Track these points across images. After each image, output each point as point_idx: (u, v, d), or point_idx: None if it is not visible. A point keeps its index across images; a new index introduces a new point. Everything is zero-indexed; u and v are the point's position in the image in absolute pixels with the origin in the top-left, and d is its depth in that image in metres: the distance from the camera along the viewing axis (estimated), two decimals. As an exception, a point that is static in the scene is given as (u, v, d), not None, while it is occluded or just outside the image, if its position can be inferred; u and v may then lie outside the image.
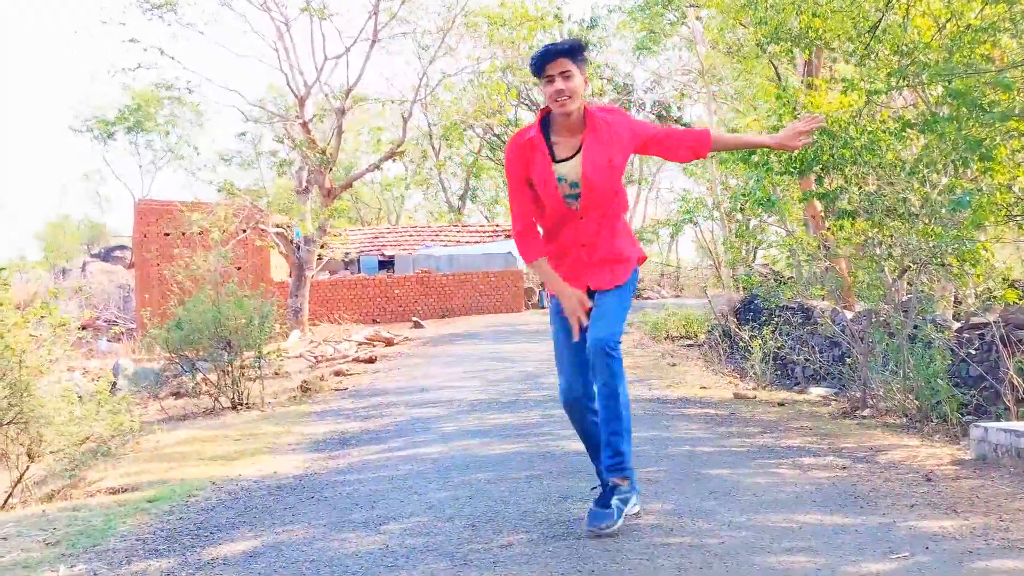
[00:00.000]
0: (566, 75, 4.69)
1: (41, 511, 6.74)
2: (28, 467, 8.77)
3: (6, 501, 8.29)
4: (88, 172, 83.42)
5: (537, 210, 4.95)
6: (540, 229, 5.01)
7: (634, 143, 4.96)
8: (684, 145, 5.10)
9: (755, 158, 11.71)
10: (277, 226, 27.33)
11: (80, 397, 9.62)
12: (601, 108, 4.94)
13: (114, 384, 15.04)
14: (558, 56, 4.70)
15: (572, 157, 4.81)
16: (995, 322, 8.41)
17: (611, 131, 4.84)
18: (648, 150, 5.11)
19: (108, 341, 30.87)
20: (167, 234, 32.42)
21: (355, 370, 17.28)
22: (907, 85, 9.62)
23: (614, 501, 4.78)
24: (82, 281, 46.42)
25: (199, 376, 13.84)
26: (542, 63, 4.71)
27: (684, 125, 36.97)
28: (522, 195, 4.91)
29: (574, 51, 4.75)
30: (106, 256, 57.94)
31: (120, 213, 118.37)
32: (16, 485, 8.57)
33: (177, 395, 15.15)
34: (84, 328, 28.29)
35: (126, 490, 7.57)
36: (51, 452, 8.83)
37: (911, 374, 8.48)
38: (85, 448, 8.97)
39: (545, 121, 4.88)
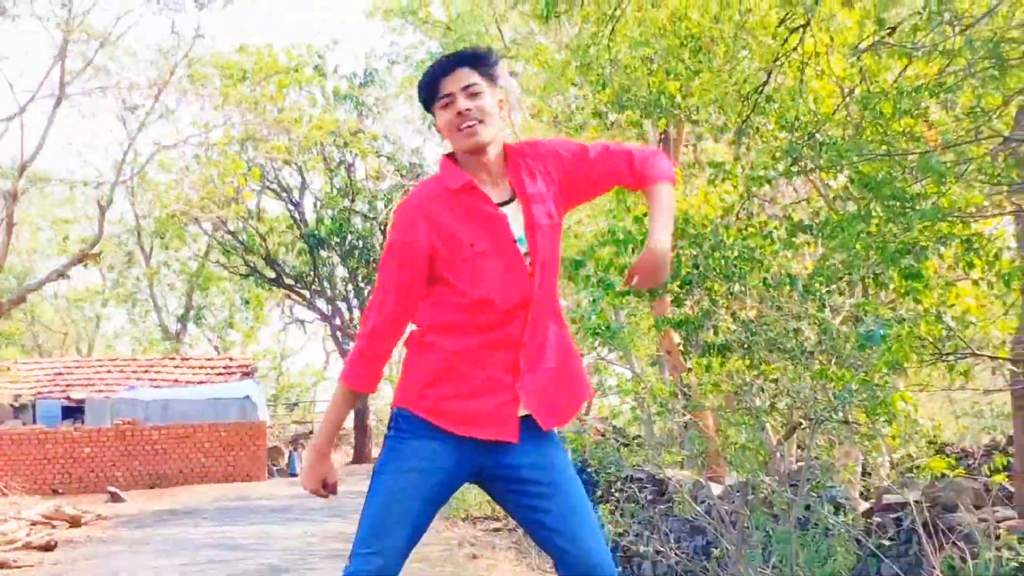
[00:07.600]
0: (471, 91, 4.35)
1: None
2: None
3: None
4: None
5: (450, 300, 4.35)
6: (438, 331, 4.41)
7: (571, 179, 4.53)
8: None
9: (587, 271, 11.55)
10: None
11: None
12: (518, 144, 4.60)
13: None
14: (457, 66, 4.37)
15: (508, 203, 4.40)
16: (916, 502, 8.48)
17: (542, 171, 4.50)
18: (592, 184, 4.64)
19: None
20: None
21: (25, 561, 16.48)
22: (800, 172, 9.66)
23: None
24: None
25: None
26: (434, 78, 4.37)
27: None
28: (415, 282, 4.35)
29: (480, 60, 4.42)
30: None
31: None
32: None
33: None
34: None
35: None
36: None
37: (802, 574, 8.37)
38: None
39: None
